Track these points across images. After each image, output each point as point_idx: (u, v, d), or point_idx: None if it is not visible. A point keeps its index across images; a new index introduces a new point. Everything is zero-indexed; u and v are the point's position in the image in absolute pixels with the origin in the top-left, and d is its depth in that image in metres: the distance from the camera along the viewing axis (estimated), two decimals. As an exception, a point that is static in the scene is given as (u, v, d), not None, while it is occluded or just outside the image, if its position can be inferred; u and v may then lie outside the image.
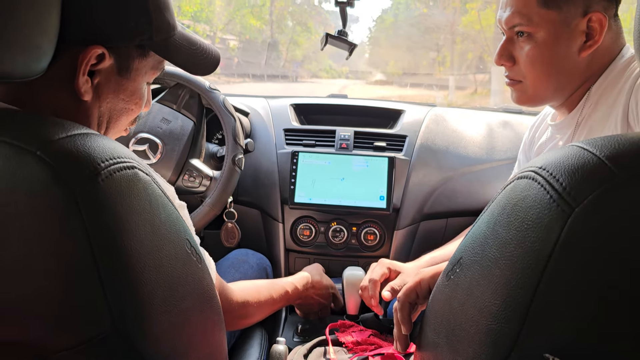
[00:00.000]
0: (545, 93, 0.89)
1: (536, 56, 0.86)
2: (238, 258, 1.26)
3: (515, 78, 0.91)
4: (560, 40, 0.84)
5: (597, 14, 0.81)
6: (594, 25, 0.82)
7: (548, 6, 0.83)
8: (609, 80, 0.84)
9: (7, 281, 0.43)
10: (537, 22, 0.84)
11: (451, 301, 0.52)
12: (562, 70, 0.86)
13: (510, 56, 0.90)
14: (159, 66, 0.68)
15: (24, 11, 0.47)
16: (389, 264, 1.06)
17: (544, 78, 0.87)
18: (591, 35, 0.83)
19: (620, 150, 0.38)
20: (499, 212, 0.45)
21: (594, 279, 0.35)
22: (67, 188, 0.43)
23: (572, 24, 0.83)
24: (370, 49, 20.84)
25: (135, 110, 0.68)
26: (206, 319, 0.61)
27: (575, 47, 0.84)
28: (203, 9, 13.49)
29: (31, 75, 0.51)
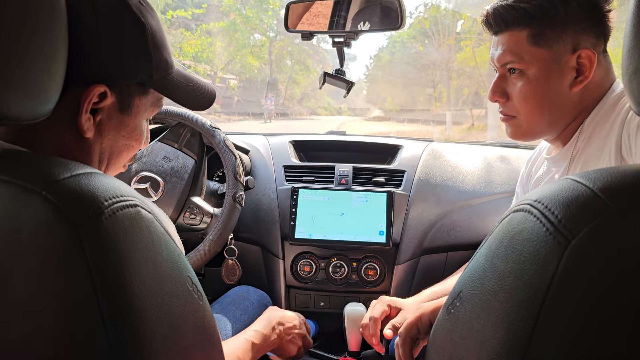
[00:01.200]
0: (538, 128, 0.91)
1: (528, 92, 0.87)
2: (239, 295, 1.25)
3: (509, 114, 0.93)
4: (552, 76, 0.86)
5: (586, 51, 0.83)
6: (583, 62, 0.84)
7: (538, 44, 0.85)
8: (601, 114, 0.85)
9: (9, 320, 0.43)
10: (528, 60, 0.86)
11: (452, 335, 0.52)
12: (554, 105, 0.88)
13: (503, 93, 0.92)
14: (158, 103, 0.70)
15: (33, 56, 0.49)
16: (389, 301, 1.04)
17: (537, 113, 0.89)
18: (581, 71, 0.85)
19: (613, 183, 0.38)
20: (497, 245, 0.45)
21: (592, 310, 0.35)
22: (71, 227, 0.44)
23: (562, 61, 0.85)
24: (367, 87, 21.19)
25: (135, 147, 0.69)
26: (207, 357, 0.60)
27: (566, 82, 0.86)
28: (204, 49, 13.79)
29: (38, 118, 0.52)
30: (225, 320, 1.14)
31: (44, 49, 0.50)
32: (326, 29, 1.13)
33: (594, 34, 0.85)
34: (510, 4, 0.86)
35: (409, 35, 16.41)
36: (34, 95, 0.50)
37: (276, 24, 15.79)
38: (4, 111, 0.48)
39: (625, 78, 0.47)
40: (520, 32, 0.86)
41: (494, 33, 0.91)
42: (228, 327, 1.12)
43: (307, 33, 1.14)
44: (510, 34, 0.87)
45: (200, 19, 14.10)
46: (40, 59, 0.50)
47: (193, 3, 14.13)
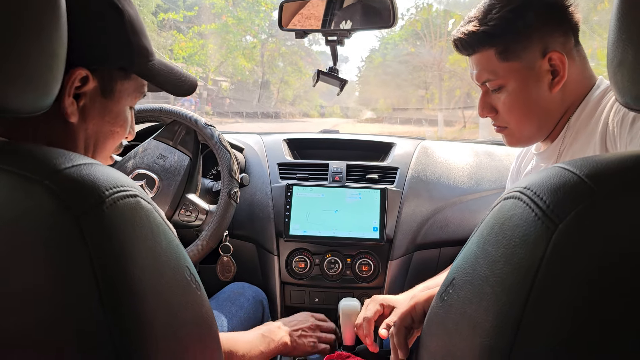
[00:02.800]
0: (530, 133, 0.94)
1: (512, 103, 0.90)
2: (234, 291, 1.26)
3: (501, 125, 0.96)
4: (529, 84, 0.88)
5: (555, 53, 0.86)
6: (555, 63, 0.87)
7: (508, 59, 0.88)
8: (587, 111, 0.87)
9: (10, 309, 0.44)
10: (503, 75, 0.89)
11: (446, 322, 0.53)
12: (539, 110, 0.90)
13: (491, 107, 0.95)
14: (141, 89, 0.72)
15: (33, 50, 0.49)
16: (382, 300, 1.04)
17: (525, 120, 0.92)
18: (556, 72, 0.87)
19: (598, 169, 0.40)
20: (488, 231, 0.46)
21: (580, 291, 0.36)
22: (73, 216, 0.44)
23: (535, 67, 0.87)
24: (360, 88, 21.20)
25: (120, 134, 0.71)
26: (205, 347, 0.61)
27: (544, 86, 0.88)
28: (196, 52, 13.74)
29: (38, 111, 0.53)
30: (222, 316, 1.14)
31: (44, 43, 0.50)
32: (319, 28, 1.14)
33: (560, 33, 0.87)
34: (471, 30, 0.90)
35: (400, 37, 16.45)
36: (35, 88, 0.51)
37: (268, 25, 15.77)
38: (4, 104, 0.49)
39: (610, 70, 0.48)
40: (488, 51, 0.89)
41: (466, 55, 0.94)
42: (224, 323, 1.13)
43: (300, 31, 1.15)
44: (480, 55, 0.91)
45: (191, 21, 14.06)
46: (40, 53, 0.50)
47: (185, 5, 14.09)
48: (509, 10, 0.86)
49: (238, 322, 1.15)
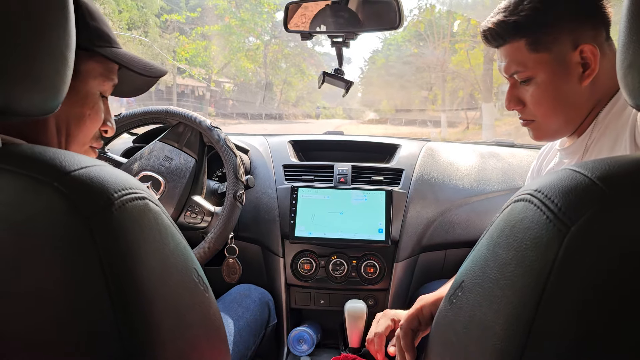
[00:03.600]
0: (557, 126, 0.92)
1: (540, 96, 0.89)
2: (241, 293, 1.26)
3: (528, 118, 0.94)
4: (559, 76, 0.87)
5: (587, 46, 0.84)
6: (587, 56, 0.85)
7: (538, 50, 0.87)
8: (618, 106, 0.86)
9: (20, 310, 0.44)
10: (533, 67, 0.87)
11: (454, 325, 0.52)
12: (567, 103, 0.89)
13: (518, 100, 0.93)
14: (109, 75, 0.72)
15: (42, 53, 0.49)
16: (393, 315, 1.02)
17: (553, 114, 0.90)
18: (587, 65, 0.85)
19: (610, 172, 0.40)
20: (498, 234, 0.46)
21: (592, 294, 0.36)
22: (82, 218, 0.44)
23: (565, 60, 0.86)
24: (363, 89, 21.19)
25: (92, 118, 0.71)
26: (213, 348, 0.61)
27: (574, 79, 0.87)
28: (199, 53, 13.78)
29: (47, 113, 0.53)
30: (228, 318, 1.14)
31: (52, 44, 0.51)
32: (325, 29, 1.14)
33: (591, 26, 0.86)
34: (502, 20, 0.89)
35: (403, 38, 16.45)
36: (43, 90, 0.51)
37: (271, 27, 15.79)
38: (14, 106, 0.49)
39: (620, 72, 0.48)
40: (518, 42, 0.88)
41: (495, 47, 0.93)
42: (231, 324, 1.13)
43: (306, 33, 1.15)
44: (509, 46, 0.89)
45: (194, 23, 14.10)
46: (49, 55, 0.51)
47: (188, 7, 14.13)
48: (540, 1, 0.85)
49: (245, 324, 1.15)
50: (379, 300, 1.38)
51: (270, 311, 1.31)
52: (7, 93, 0.48)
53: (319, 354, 1.29)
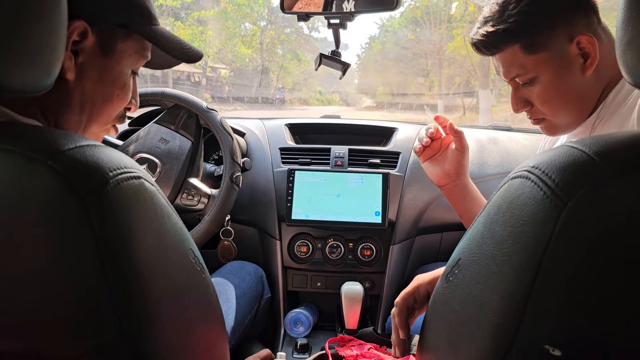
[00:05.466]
0: (570, 120, 0.91)
1: (547, 95, 0.88)
2: (236, 266, 1.28)
3: (538, 117, 0.93)
4: (561, 72, 0.86)
5: (583, 37, 0.84)
6: (585, 46, 0.84)
7: (535, 52, 0.86)
8: (627, 87, 0.85)
9: (15, 291, 0.44)
10: (533, 68, 0.87)
11: (451, 302, 0.53)
12: (575, 96, 0.88)
13: (524, 101, 0.92)
14: (144, 53, 0.69)
15: (34, 28, 0.49)
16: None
17: (562, 109, 0.89)
18: (587, 54, 0.85)
19: (608, 147, 0.39)
20: (495, 211, 0.46)
21: (588, 269, 0.36)
22: (78, 197, 0.44)
23: (564, 54, 0.85)
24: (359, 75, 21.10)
25: (120, 98, 0.67)
26: (210, 329, 0.61)
27: (577, 71, 0.86)
28: (195, 38, 13.65)
29: (40, 90, 0.52)
30: (225, 286, 1.18)
31: (44, 20, 0.50)
32: (322, 10, 1.12)
33: (582, 15, 0.85)
34: (491, 30, 0.88)
35: (400, 24, 16.35)
36: (36, 67, 0.51)
37: (267, 12, 15.66)
38: (8, 83, 0.48)
39: (619, 49, 0.48)
40: (512, 48, 0.87)
41: (489, 55, 0.92)
42: (228, 292, 1.16)
43: (302, 14, 1.14)
44: (505, 53, 0.89)
45: (190, 8, 13.95)
46: (41, 32, 0.50)
47: (183, -9, 13.98)
48: (526, 3, 0.85)
49: (241, 293, 1.17)
50: (376, 283, 1.38)
51: (264, 285, 1.33)
52: (0, 72, 0.47)
53: (315, 336, 1.30)
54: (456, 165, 1.06)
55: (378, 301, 1.39)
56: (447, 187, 1.09)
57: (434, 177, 1.10)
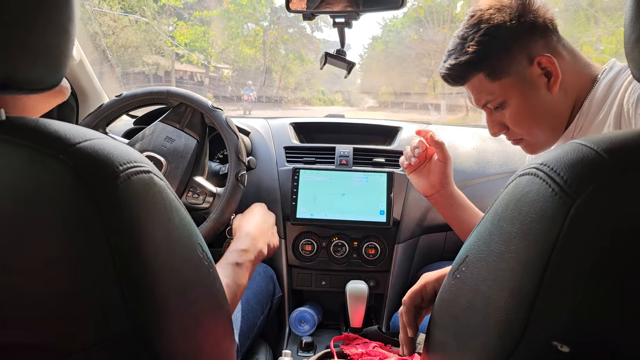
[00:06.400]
0: (545, 137, 0.94)
1: (518, 116, 0.92)
2: None
3: (515, 138, 0.97)
4: (528, 93, 0.90)
5: (541, 57, 0.87)
6: (545, 65, 0.88)
7: (499, 78, 0.90)
8: (599, 95, 0.87)
9: (26, 283, 0.44)
10: (500, 93, 0.91)
11: (458, 299, 0.53)
12: (546, 114, 0.91)
13: (500, 125, 0.96)
14: None
15: (45, 26, 0.49)
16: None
17: (535, 127, 0.93)
18: (549, 73, 0.88)
19: (616, 144, 0.40)
20: (503, 208, 0.46)
21: (597, 266, 0.36)
22: (89, 190, 0.44)
23: (527, 76, 0.89)
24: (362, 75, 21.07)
25: None
26: (217, 325, 0.61)
27: (543, 90, 0.89)
28: (197, 38, 13.68)
29: (50, 86, 0.53)
30: None
31: (54, 20, 0.50)
32: (327, 9, 1.13)
33: (539, 37, 0.89)
34: (454, 63, 0.92)
35: (403, 24, 16.33)
36: (46, 64, 0.51)
37: (270, 12, 15.67)
38: (20, 79, 0.49)
39: (627, 47, 0.48)
40: (477, 77, 0.91)
41: (459, 85, 0.97)
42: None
43: (308, 13, 1.14)
44: (471, 82, 0.93)
45: (193, 8, 13.97)
46: (51, 30, 0.50)
47: (186, -9, 13.99)
48: (482, 34, 0.89)
49: (252, 294, 1.17)
50: (380, 282, 1.39)
51: (275, 284, 1.33)
52: (9, 66, 0.47)
53: (320, 334, 1.31)
54: (440, 175, 1.11)
55: (382, 300, 1.39)
56: (433, 197, 1.14)
57: (419, 188, 1.15)
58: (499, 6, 0.90)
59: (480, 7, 0.92)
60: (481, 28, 0.89)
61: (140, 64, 11.39)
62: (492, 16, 0.89)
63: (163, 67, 12.34)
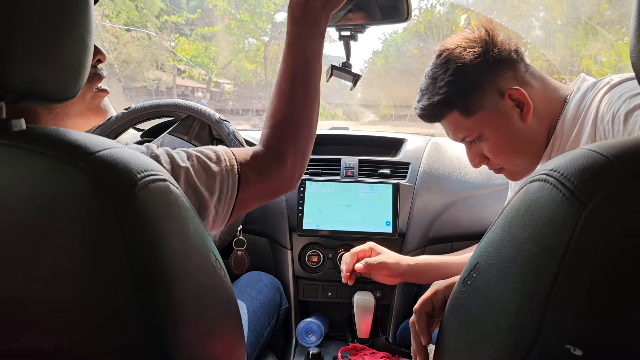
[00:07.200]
0: (525, 164, 0.96)
1: (496, 147, 0.94)
2: (252, 278, 1.28)
3: (496, 167, 0.99)
4: (502, 125, 0.91)
5: (510, 90, 0.89)
6: (516, 97, 0.90)
7: (472, 114, 0.92)
8: (570, 116, 0.89)
9: (45, 290, 0.44)
10: (476, 128, 0.93)
11: (469, 305, 0.53)
12: (522, 143, 0.93)
13: (480, 156, 0.98)
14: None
15: (66, 38, 0.51)
16: (373, 245, 1.13)
17: (514, 157, 0.95)
18: (521, 103, 0.90)
19: (625, 150, 0.40)
20: (514, 214, 0.47)
21: (609, 270, 0.36)
22: (107, 197, 0.45)
23: (500, 109, 0.91)
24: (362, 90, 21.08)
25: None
26: (229, 333, 0.62)
27: (517, 120, 0.91)
28: (199, 54, 13.76)
29: (69, 96, 0.54)
30: (242, 299, 1.17)
31: (73, 32, 0.52)
32: (333, 22, 1.14)
33: (506, 70, 0.91)
34: (427, 103, 0.94)
35: (403, 39, 16.40)
36: (66, 75, 0.52)
37: (271, 28, 15.78)
38: (42, 89, 0.50)
39: (633, 55, 0.49)
40: (452, 114, 0.93)
41: (434, 122, 0.99)
42: (244, 305, 1.15)
43: (314, 26, 1.15)
44: (446, 120, 0.95)
45: (194, 24, 14.08)
46: (70, 42, 0.52)
47: (188, 8, 14.11)
48: (451, 74, 0.91)
49: (259, 305, 1.17)
50: (386, 293, 1.38)
51: (282, 295, 1.33)
52: (31, 76, 0.49)
53: (327, 345, 1.30)
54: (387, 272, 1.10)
55: (389, 311, 1.39)
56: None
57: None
58: (465, 44, 0.92)
59: (447, 45, 0.94)
60: (449, 68, 0.91)
61: (141, 80, 11.46)
62: (459, 54, 0.91)
63: (164, 83, 12.40)
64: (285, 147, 0.76)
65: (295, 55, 0.77)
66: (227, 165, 0.70)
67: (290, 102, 0.77)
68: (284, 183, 0.77)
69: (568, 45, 6.56)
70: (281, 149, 0.76)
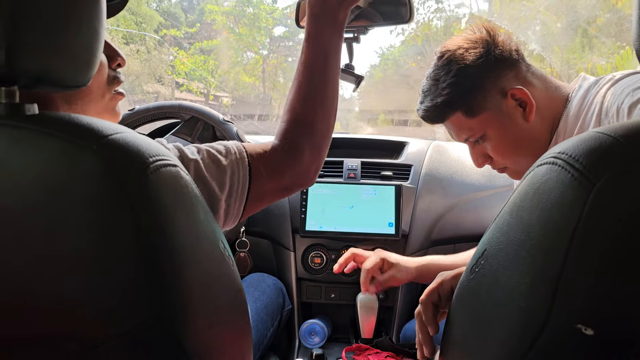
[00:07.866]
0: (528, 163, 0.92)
1: (499, 147, 0.94)
2: (255, 279, 1.28)
3: (500, 167, 0.99)
4: (506, 125, 0.92)
5: (513, 90, 0.90)
6: (519, 97, 0.90)
7: (476, 114, 0.92)
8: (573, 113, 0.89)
9: (55, 271, 0.44)
10: (479, 128, 0.93)
11: (478, 292, 0.52)
12: (526, 142, 0.93)
13: (484, 156, 0.98)
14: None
15: (80, 27, 0.51)
16: (384, 255, 1.12)
17: (517, 156, 0.95)
18: (524, 103, 0.90)
19: (633, 130, 0.41)
20: (522, 198, 0.47)
21: (618, 249, 0.36)
22: (120, 180, 0.45)
23: (503, 109, 0.91)
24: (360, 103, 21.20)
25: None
26: (236, 321, 0.61)
27: (520, 120, 0.91)
28: (198, 67, 13.83)
29: (81, 85, 0.55)
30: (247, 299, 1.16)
31: (85, 21, 0.52)
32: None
33: (508, 70, 0.91)
34: (430, 104, 0.94)
35: (401, 53, 16.53)
36: (78, 63, 0.53)
37: (269, 42, 15.88)
38: (55, 77, 0.51)
39: (637, 44, 0.50)
40: (455, 115, 0.93)
41: (438, 123, 0.99)
42: (251, 304, 1.15)
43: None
44: (449, 121, 0.95)
45: (193, 37, 14.17)
46: (82, 30, 0.52)
47: (187, 22, 14.22)
48: (453, 75, 0.91)
49: (262, 305, 1.17)
50: (389, 294, 1.38)
51: (285, 297, 1.32)
52: (43, 62, 0.49)
53: (330, 347, 1.30)
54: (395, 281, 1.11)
55: (392, 312, 1.39)
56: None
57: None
58: (467, 45, 0.92)
59: (449, 46, 0.95)
60: (452, 69, 0.92)
61: (140, 93, 11.50)
62: (461, 56, 0.92)
63: (163, 96, 12.45)
64: (302, 142, 0.76)
65: (314, 51, 0.77)
66: (237, 157, 0.70)
67: (308, 96, 0.77)
68: (300, 178, 0.77)
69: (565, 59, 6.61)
70: (297, 144, 0.76)
